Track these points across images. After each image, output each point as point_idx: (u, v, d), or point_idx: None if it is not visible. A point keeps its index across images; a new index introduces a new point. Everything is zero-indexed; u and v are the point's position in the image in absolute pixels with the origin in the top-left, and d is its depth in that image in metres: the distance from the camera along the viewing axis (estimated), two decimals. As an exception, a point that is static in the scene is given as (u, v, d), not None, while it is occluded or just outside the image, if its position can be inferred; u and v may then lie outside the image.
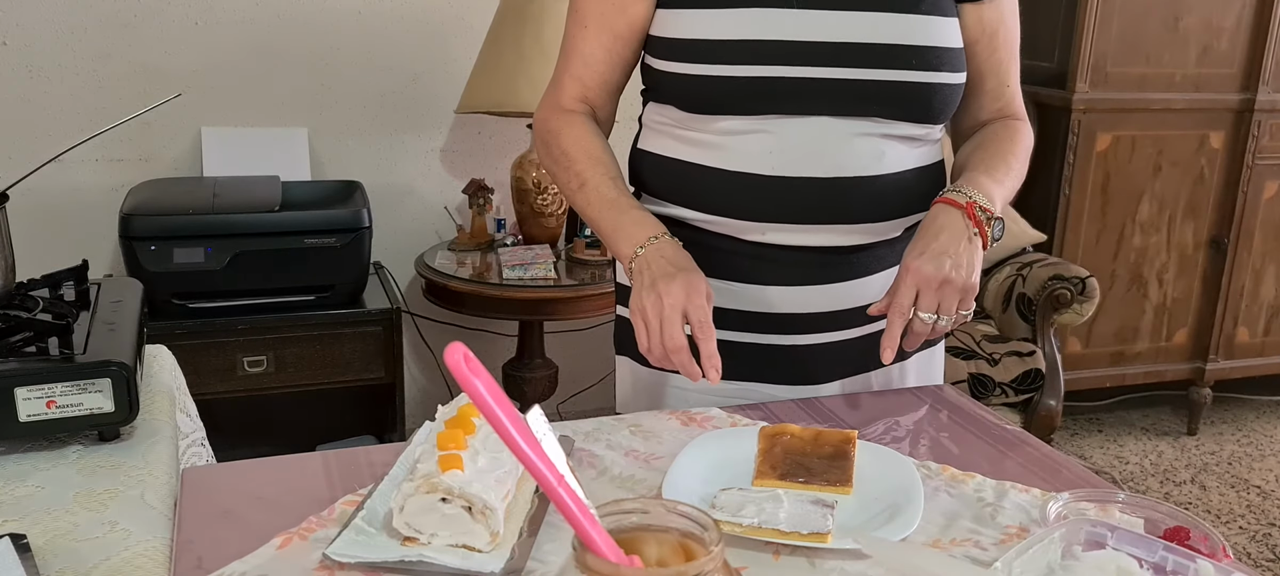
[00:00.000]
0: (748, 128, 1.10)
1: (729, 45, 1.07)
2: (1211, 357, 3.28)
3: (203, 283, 2.25)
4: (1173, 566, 0.74)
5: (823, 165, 1.09)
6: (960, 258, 1.04)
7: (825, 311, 1.17)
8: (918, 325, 1.04)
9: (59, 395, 0.98)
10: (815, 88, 1.08)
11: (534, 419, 0.79)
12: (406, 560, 0.78)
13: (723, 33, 1.07)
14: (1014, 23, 1.20)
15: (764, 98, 1.08)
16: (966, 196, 1.07)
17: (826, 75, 1.07)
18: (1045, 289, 2.62)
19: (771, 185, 1.10)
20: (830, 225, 1.13)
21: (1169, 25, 2.95)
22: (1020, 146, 1.18)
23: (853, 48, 1.07)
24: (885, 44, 1.07)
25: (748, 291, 1.16)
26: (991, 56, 1.18)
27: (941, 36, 1.10)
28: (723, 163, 1.12)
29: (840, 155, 1.10)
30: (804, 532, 0.81)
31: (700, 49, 1.08)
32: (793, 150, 1.09)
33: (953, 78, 1.12)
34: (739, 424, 1.08)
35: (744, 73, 1.07)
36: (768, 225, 1.13)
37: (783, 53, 1.07)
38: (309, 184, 2.57)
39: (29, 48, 2.46)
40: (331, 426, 2.65)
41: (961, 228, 1.05)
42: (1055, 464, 1.03)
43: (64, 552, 0.82)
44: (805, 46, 1.07)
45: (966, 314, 1.06)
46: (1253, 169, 3.12)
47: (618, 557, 0.55)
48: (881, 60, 1.07)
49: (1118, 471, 3.08)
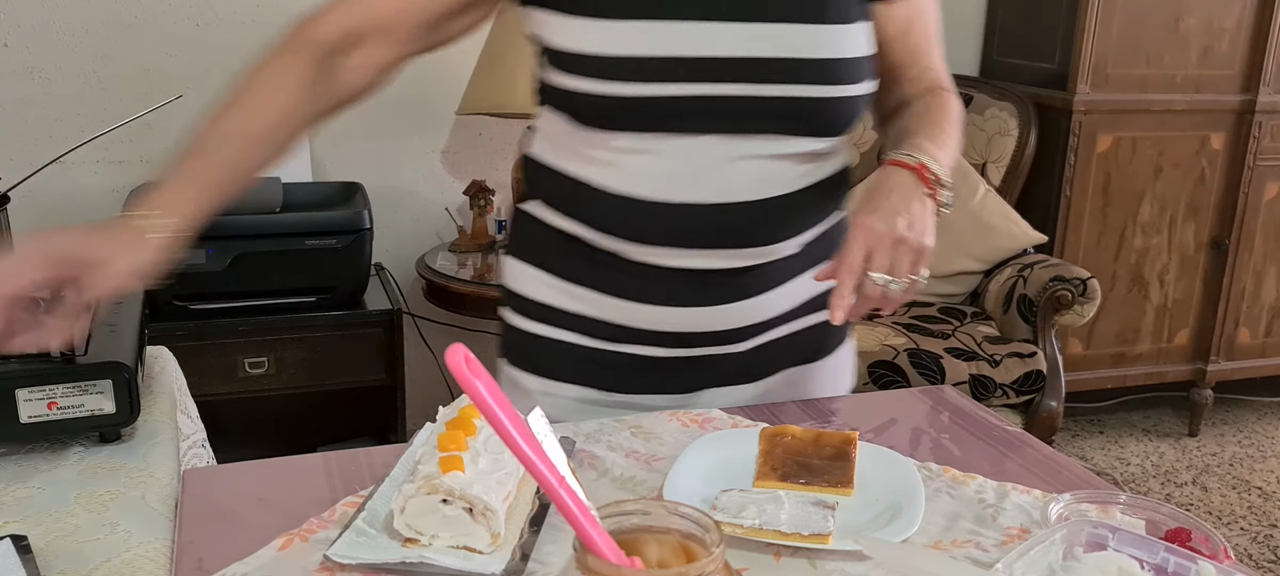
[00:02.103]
0: (637, 147, 1.03)
1: (619, 62, 1.00)
2: (1213, 359, 3.28)
3: (204, 284, 2.25)
4: (1174, 568, 0.74)
5: (707, 190, 1.04)
6: (914, 217, 0.98)
7: (710, 331, 1.12)
8: (869, 286, 0.97)
9: (60, 396, 0.98)
10: (708, 106, 1.01)
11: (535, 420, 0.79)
12: (407, 561, 0.78)
13: (612, 48, 1.00)
14: (930, 9, 1.15)
15: (654, 116, 1.02)
16: (916, 159, 1.02)
17: (720, 92, 1.01)
18: (1046, 290, 2.62)
19: (656, 209, 1.05)
20: (716, 249, 1.07)
21: (1170, 26, 2.95)
22: (953, 118, 1.12)
23: (748, 63, 1.00)
24: (782, 58, 1.01)
25: (629, 308, 1.11)
26: (908, 49, 1.14)
27: (844, 47, 1.03)
28: (609, 182, 1.06)
29: (726, 180, 1.04)
30: (805, 534, 0.81)
31: (589, 63, 1.01)
32: (678, 173, 1.03)
33: (854, 90, 1.05)
34: (740, 425, 1.08)
35: (633, 92, 1.00)
36: (652, 248, 1.07)
37: (675, 70, 1.00)
38: (310, 185, 2.57)
39: (30, 49, 2.46)
40: (332, 428, 2.65)
41: (913, 188, 1.00)
42: (1056, 465, 1.03)
43: (65, 554, 0.83)
44: (698, 63, 1.00)
45: (919, 279, 0.99)
46: (1254, 170, 3.12)
47: (618, 559, 0.55)
48: (778, 75, 1.01)
49: (1119, 472, 3.08)
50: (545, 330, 1.15)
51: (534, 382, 1.16)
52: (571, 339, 1.13)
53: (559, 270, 1.13)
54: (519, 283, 1.17)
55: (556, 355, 1.14)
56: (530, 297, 1.16)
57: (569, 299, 1.13)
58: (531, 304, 1.16)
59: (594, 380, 1.14)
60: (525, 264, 1.16)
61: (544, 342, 1.15)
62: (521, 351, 1.18)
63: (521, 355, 1.18)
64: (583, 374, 1.14)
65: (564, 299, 1.13)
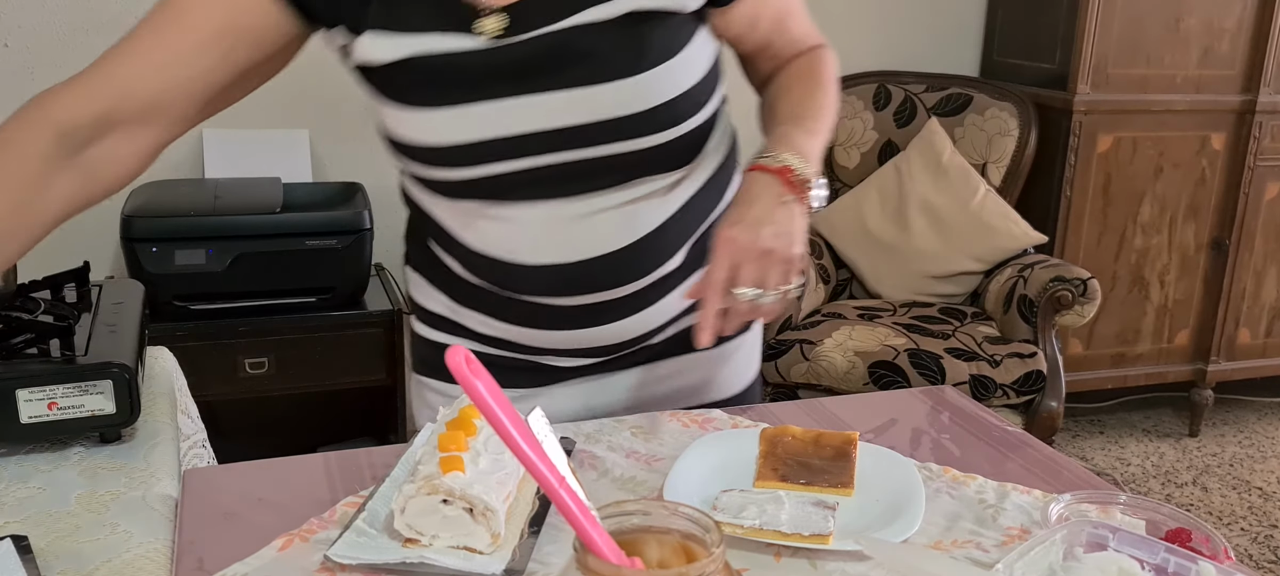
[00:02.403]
0: (490, 214, 1.01)
1: (440, 150, 0.97)
2: (1213, 359, 3.28)
3: (204, 284, 2.25)
4: (1174, 568, 0.74)
5: (569, 249, 1.01)
6: (780, 225, 0.93)
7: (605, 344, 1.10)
8: (736, 303, 0.93)
9: (60, 397, 0.98)
10: (542, 175, 0.98)
11: (535, 420, 0.79)
12: (408, 561, 0.78)
13: (431, 138, 0.97)
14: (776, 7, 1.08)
15: (492, 192, 0.99)
16: (779, 160, 0.96)
17: (551, 161, 0.97)
18: (1046, 290, 2.62)
19: (521, 270, 1.03)
20: (590, 294, 1.04)
21: (1170, 26, 2.95)
22: (825, 77, 1.08)
23: (570, 131, 0.96)
24: (605, 121, 0.95)
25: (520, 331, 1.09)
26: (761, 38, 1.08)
27: (669, 88, 0.97)
28: (472, 242, 1.04)
29: (585, 236, 1.01)
30: (805, 534, 0.81)
31: (420, 152, 0.99)
32: (535, 239, 1.01)
33: (690, 124, 1.01)
34: (740, 425, 1.08)
35: (462, 175, 0.98)
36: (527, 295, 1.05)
37: (499, 150, 0.96)
38: (310, 186, 2.57)
39: (30, 50, 2.46)
40: (332, 428, 2.65)
41: (778, 193, 0.94)
42: (1057, 465, 1.03)
43: (65, 554, 0.82)
44: (519, 140, 0.96)
45: (792, 288, 0.95)
46: (1254, 170, 3.12)
47: (619, 559, 0.55)
48: (604, 136, 0.96)
49: (1119, 473, 3.07)
50: (446, 337, 1.15)
51: (442, 387, 1.16)
52: (474, 347, 1.12)
53: (448, 292, 1.13)
54: (419, 293, 1.17)
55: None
56: (429, 309, 1.16)
57: (463, 316, 1.13)
58: (429, 314, 1.16)
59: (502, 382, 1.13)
60: (421, 277, 1.16)
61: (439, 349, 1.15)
62: (428, 359, 1.17)
63: (428, 363, 1.18)
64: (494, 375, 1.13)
65: (452, 311, 1.13)
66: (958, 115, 3.03)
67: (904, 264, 2.89)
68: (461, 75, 0.95)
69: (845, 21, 3.11)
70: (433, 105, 0.96)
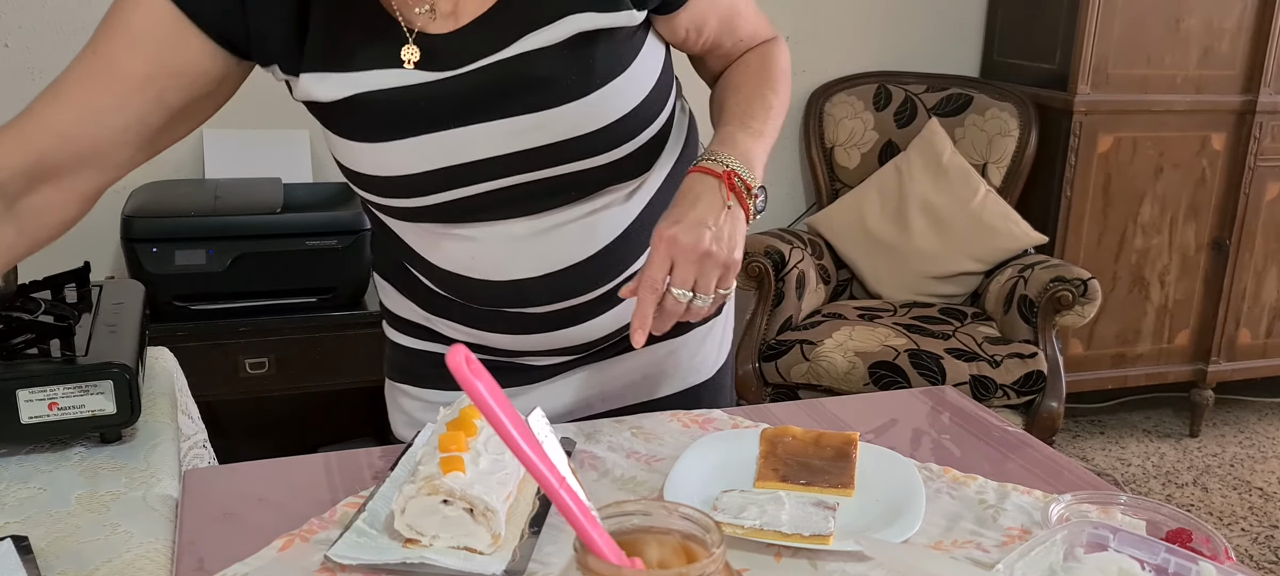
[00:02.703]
0: (451, 233, 1.01)
1: (400, 180, 0.96)
2: (1213, 359, 3.28)
3: (204, 284, 2.25)
4: (1175, 568, 0.74)
5: (531, 264, 1.01)
6: (721, 229, 0.92)
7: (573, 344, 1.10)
8: (670, 302, 0.91)
9: (61, 397, 0.98)
10: (499, 198, 0.97)
11: (535, 421, 0.79)
12: (408, 562, 0.78)
13: (387, 168, 0.96)
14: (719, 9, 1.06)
15: (456, 215, 0.99)
16: (723, 164, 0.95)
17: (506, 184, 0.97)
18: (1047, 291, 2.62)
19: (486, 285, 1.03)
20: (556, 303, 1.04)
21: (1170, 27, 2.95)
22: (775, 73, 1.06)
23: (522, 156, 0.95)
24: (555, 144, 0.95)
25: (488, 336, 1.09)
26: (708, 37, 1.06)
27: (617, 106, 0.97)
28: (435, 259, 1.04)
29: (547, 251, 1.01)
30: (806, 534, 0.81)
31: (372, 183, 0.98)
32: (497, 257, 1.01)
33: (648, 133, 1.01)
34: (741, 425, 1.08)
35: (418, 203, 0.97)
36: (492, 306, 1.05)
37: (452, 178, 0.95)
38: (311, 186, 2.57)
39: (31, 50, 2.46)
40: (333, 428, 2.64)
41: (720, 197, 0.93)
42: (1057, 465, 1.03)
43: (66, 554, 0.83)
44: (472, 167, 0.95)
45: (726, 293, 0.95)
46: (1254, 170, 3.12)
47: (619, 559, 0.55)
48: (556, 158, 0.96)
49: (1120, 473, 3.07)
50: (419, 343, 1.15)
51: (417, 393, 1.16)
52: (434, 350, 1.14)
53: (415, 298, 1.13)
54: (388, 299, 1.18)
55: (432, 366, 1.15)
56: (398, 314, 1.17)
57: (436, 323, 1.13)
58: (400, 320, 1.17)
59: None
60: (390, 285, 1.16)
61: (418, 355, 1.16)
62: (401, 365, 1.18)
63: (401, 369, 1.18)
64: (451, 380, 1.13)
65: (432, 322, 1.13)
66: (958, 115, 3.03)
67: (904, 264, 2.89)
68: (409, 109, 0.93)
69: (845, 22, 3.11)
70: (383, 139, 0.95)
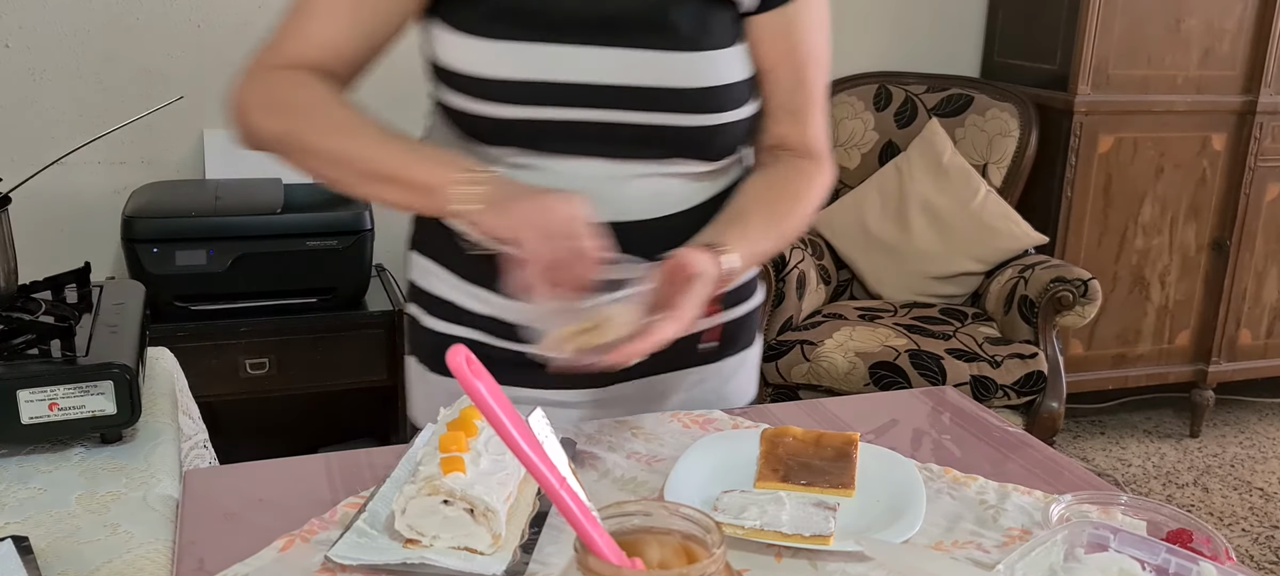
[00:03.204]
0: (525, 164, 1.02)
1: (497, 84, 0.98)
2: (1214, 360, 3.28)
3: (205, 285, 2.25)
4: (1175, 569, 0.74)
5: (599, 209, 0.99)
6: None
7: None
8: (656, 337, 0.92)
9: (61, 397, 0.98)
10: (582, 131, 1.00)
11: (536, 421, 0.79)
12: (408, 562, 0.78)
13: (484, 69, 0.98)
14: (817, 37, 1.08)
15: (529, 139, 1.01)
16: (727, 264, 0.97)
17: (592, 117, 0.99)
18: (1047, 291, 2.62)
19: None
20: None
21: (1171, 27, 2.95)
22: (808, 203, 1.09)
23: (619, 90, 0.98)
24: (664, 87, 0.99)
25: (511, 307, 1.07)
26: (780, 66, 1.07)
27: (725, 73, 1.01)
28: None
29: (617, 200, 1.02)
30: (806, 535, 0.81)
31: (474, 84, 0.99)
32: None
33: (736, 115, 1.04)
34: (741, 426, 1.08)
35: (504, 113, 0.99)
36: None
37: (543, 94, 0.98)
38: (311, 186, 2.56)
39: (31, 51, 2.46)
40: (333, 428, 2.65)
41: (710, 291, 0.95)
42: (1057, 466, 1.03)
43: (66, 555, 0.83)
44: (567, 88, 0.98)
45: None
46: (1255, 171, 3.12)
47: (620, 559, 0.55)
48: (659, 104, 0.99)
49: (1120, 473, 3.07)
50: (454, 329, 1.13)
51: (443, 383, 1.14)
52: (480, 338, 1.11)
53: (462, 271, 1.11)
54: (425, 280, 1.16)
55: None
56: (437, 295, 1.14)
57: (473, 299, 1.11)
58: (438, 302, 1.14)
59: (506, 378, 1.10)
60: (430, 260, 1.15)
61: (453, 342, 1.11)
62: (431, 349, 1.16)
63: (430, 353, 1.16)
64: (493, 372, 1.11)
65: (468, 299, 1.11)
66: (958, 116, 3.03)
67: (904, 264, 2.89)
68: (537, 13, 0.97)
69: (846, 22, 3.11)
70: (500, 37, 0.97)
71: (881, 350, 2.53)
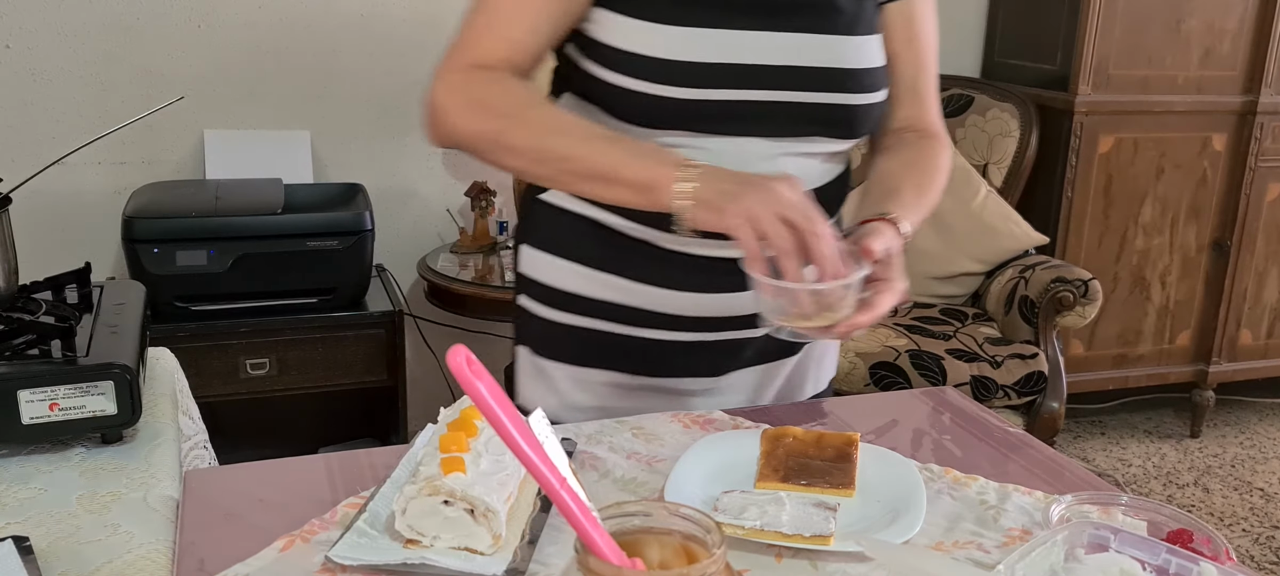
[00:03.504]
0: (679, 143, 1.05)
1: (672, 66, 1.02)
2: (1214, 360, 3.27)
3: (205, 285, 2.25)
4: (1176, 569, 0.74)
5: None
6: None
7: (736, 315, 1.13)
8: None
9: (62, 397, 0.98)
10: (750, 110, 1.05)
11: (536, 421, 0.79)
12: (409, 562, 0.78)
13: (666, 51, 1.02)
14: (933, 26, 1.17)
15: (699, 118, 1.05)
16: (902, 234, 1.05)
17: (762, 98, 1.05)
18: (1048, 291, 2.62)
19: None
20: None
21: (1171, 27, 2.95)
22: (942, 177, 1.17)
23: (789, 71, 1.04)
24: (822, 67, 1.05)
25: (657, 293, 1.13)
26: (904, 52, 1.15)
27: (874, 56, 1.09)
28: None
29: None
30: (806, 535, 0.81)
31: (642, 64, 1.03)
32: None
33: (879, 97, 1.11)
34: (741, 426, 1.08)
35: (684, 94, 1.03)
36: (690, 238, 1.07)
37: (724, 75, 1.03)
38: (311, 187, 2.57)
39: (32, 51, 2.46)
40: (334, 429, 2.65)
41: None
42: (1058, 466, 1.03)
43: (66, 555, 0.83)
44: (745, 70, 1.03)
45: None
46: (1255, 171, 3.12)
47: (620, 560, 0.55)
48: (817, 84, 1.06)
49: (1120, 474, 3.07)
50: (570, 318, 1.16)
51: (560, 370, 1.17)
52: (597, 326, 1.14)
53: (582, 257, 1.14)
54: (539, 271, 1.17)
55: (582, 342, 1.16)
56: (552, 286, 1.16)
57: (593, 285, 1.14)
58: (554, 292, 1.16)
59: (622, 364, 1.16)
60: (544, 253, 1.17)
61: (569, 330, 1.16)
62: (545, 339, 1.18)
63: (545, 343, 1.19)
64: (610, 359, 1.16)
65: (588, 286, 1.14)
66: (959, 116, 3.03)
67: (905, 265, 2.88)
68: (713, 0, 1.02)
69: (846, 22, 3.11)
70: (682, 23, 1.02)
71: (882, 350, 2.52)
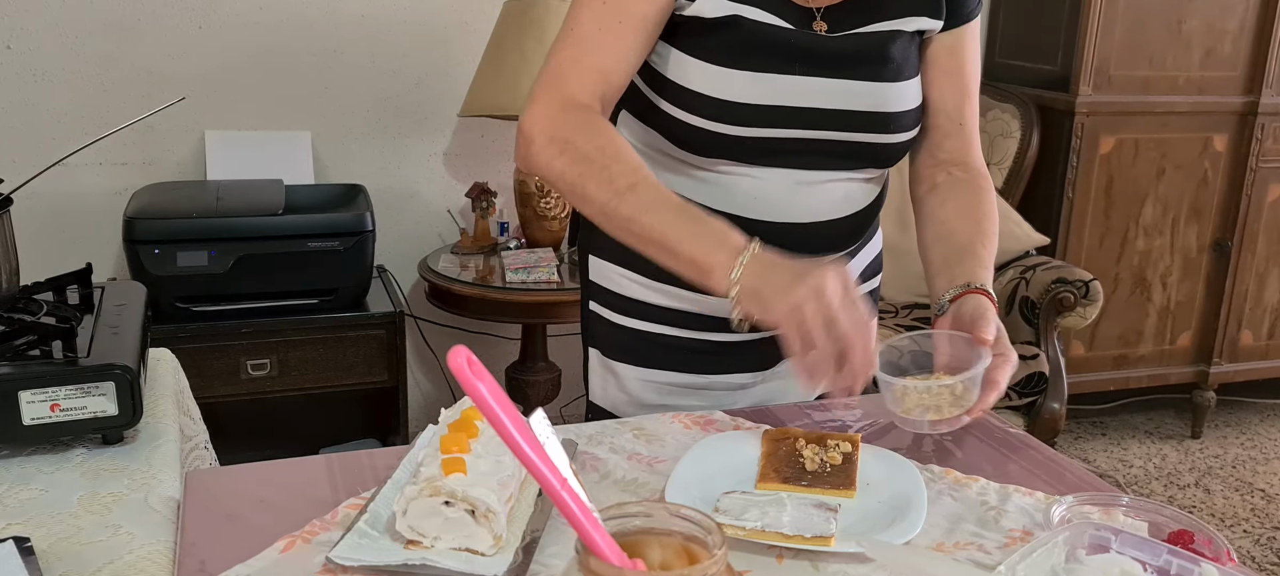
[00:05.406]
0: (734, 171, 1.13)
1: (735, 107, 1.09)
2: (1215, 361, 3.27)
3: (206, 286, 2.25)
4: (1177, 570, 0.74)
5: (796, 211, 1.15)
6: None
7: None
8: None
9: (63, 398, 0.98)
10: (801, 146, 1.12)
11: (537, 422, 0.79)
12: (409, 563, 0.78)
13: (728, 93, 1.09)
14: (977, 56, 1.22)
15: (754, 153, 1.12)
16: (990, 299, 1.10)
17: (812, 136, 1.12)
18: (1049, 292, 2.62)
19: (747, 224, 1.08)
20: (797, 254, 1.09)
21: (1172, 28, 2.95)
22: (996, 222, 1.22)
23: (838, 114, 1.11)
24: (865, 111, 1.12)
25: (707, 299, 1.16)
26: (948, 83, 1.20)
27: (914, 98, 1.16)
28: (701, 197, 1.13)
29: (812, 202, 1.15)
30: (807, 536, 0.81)
31: (704, 104, 1.10)
32: (770, 197, 1.14)
33: (914, 133, 1.18)
34: (742, 427, 1.08)
35: (745, 133, 1.10)
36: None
37: (778, 117, 1.10)
38: (312, 187, 2.58)
39: (33, 52, 2.47)
40: (335, 429, 2.65)
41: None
42: (1059, 467, 1.03)
43: (67, 556, 0.83)
44: (798, 112, 1.10)
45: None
46: (1256, 172, 3.12)
47: (621, 561, 0.55)
48: (864, 126, 1.13)
49: (1121, 475, 3.07)
50: (636, 324, 1.22)
51: (631, 371, 1.24)
52: (661, 331, 1.21)
53: (642, 267, 1.18)
54: (605, 278, 1.24)
55: (649, 346, 1.22)
56: (618, 293, 1.23)
57: (655, 293, 1.20)
58: (619, 299, 1.23)
59: (687, 365, 1.22)
60: (608, 262, 1.23)
61: (636, 335, 1.22)
62: (613, 342, 1.25)
63: (612, 346, 1.25)
64: (676, 361, 1.22)
65: (650, 293, 1.20)
66: (960, 117, 3.03)
67: (906, 265, 2.88)
68: (780, 47, 1.09)
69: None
70: (743, 68, 1.08)
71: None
